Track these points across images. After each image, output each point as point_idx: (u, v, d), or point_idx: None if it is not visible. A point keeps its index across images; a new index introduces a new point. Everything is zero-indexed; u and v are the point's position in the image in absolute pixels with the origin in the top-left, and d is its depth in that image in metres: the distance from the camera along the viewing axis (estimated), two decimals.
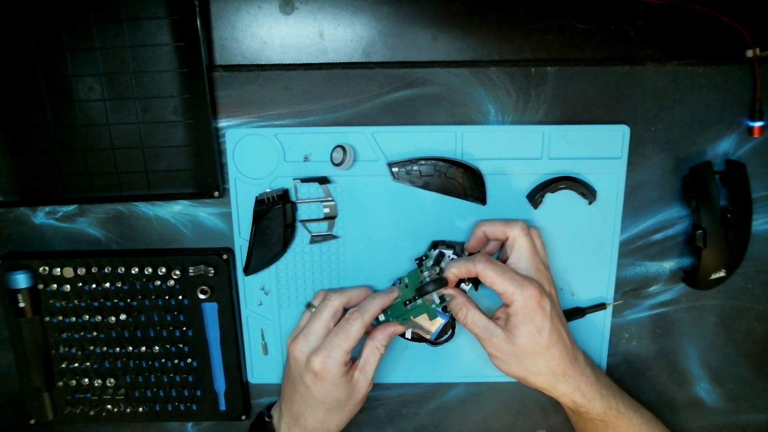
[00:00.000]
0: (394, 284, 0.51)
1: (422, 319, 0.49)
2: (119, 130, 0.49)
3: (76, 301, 0.51)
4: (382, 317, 0.49)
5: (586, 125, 0.50)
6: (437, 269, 0.48)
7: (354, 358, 0.48)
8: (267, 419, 0.51)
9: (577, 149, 0.50)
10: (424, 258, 0.50)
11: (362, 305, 0.47)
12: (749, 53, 0.49)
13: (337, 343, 0.45)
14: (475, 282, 0.50)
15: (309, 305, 0.50)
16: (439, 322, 0.50)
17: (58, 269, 0.51)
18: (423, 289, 0.46)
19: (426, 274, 0.47)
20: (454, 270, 0.46)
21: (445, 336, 0.50)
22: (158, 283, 0.51)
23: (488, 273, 0.44)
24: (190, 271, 0.51)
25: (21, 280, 0.50)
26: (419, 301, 0.47)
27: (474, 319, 0.46)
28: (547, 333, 0.44)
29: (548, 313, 0.44)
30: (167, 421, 0.57)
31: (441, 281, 0.46)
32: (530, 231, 0.47)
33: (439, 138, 0.50)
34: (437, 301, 0.46)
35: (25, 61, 0.47)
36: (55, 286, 0.51)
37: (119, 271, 0.51)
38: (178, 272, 0.51)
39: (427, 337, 0.50)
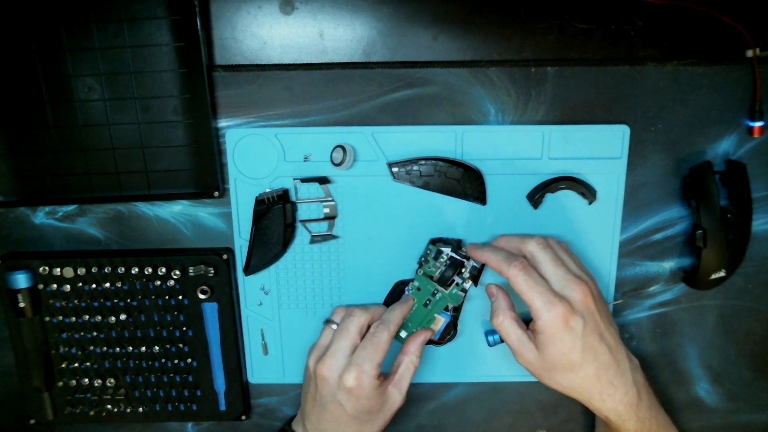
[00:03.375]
0: (406, 293, 0.51)
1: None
2: (119, 130, 0.49)
3: (76, 301, 0.51)
4: (404, 334, 0.49)
5: (586, 125, 0.50)
6: (445, 259, 0.47)
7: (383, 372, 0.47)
8: None
9: (577, 149, 0.50)
10: (425, 258, 0.50)
11: (384, 318, 0.47)
12: (749, 53, 0.49)
13: (368, 357, 0.44)
14: (475, 279, 0.50)
15: (329, 321, 0.49)
16: (442, 321, 0.50)
17: (58, 269, 0.51)
18: (445, 277, 0.45)
19: (439, 263, 0.47)
20: (493, 251, 0.46)
21: (448, 336, 0.50)
22: (158, 283, 0.51)
23: (518, 281, 0.42)
24: (190, 271, 0.51)
25: (21, 280, 0.50)
26: (439, 295, 0.47)
27: (508, 330, 0.45)
28: (579, 352, 0.42)
29: (579, 332, 0.41)
30: (167, 421, 0.57)
31: (456, 261, 0.45)
32: (550, 243, 0.45)
33: (439, 138, 0.50)
34: (459, 281, 0.46)
35: (25, 61, 0.47)
36: (55, 286, 0.51)
37: (119, 271, 0.50)
38: (178, 272, 0.51)
39: (430, 336, 0.50)
